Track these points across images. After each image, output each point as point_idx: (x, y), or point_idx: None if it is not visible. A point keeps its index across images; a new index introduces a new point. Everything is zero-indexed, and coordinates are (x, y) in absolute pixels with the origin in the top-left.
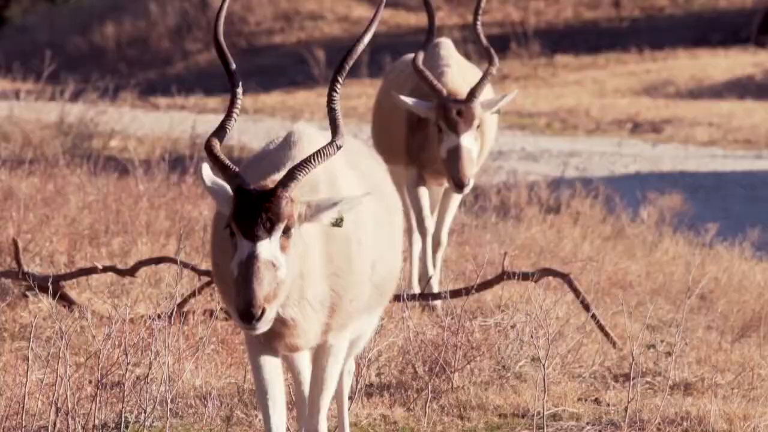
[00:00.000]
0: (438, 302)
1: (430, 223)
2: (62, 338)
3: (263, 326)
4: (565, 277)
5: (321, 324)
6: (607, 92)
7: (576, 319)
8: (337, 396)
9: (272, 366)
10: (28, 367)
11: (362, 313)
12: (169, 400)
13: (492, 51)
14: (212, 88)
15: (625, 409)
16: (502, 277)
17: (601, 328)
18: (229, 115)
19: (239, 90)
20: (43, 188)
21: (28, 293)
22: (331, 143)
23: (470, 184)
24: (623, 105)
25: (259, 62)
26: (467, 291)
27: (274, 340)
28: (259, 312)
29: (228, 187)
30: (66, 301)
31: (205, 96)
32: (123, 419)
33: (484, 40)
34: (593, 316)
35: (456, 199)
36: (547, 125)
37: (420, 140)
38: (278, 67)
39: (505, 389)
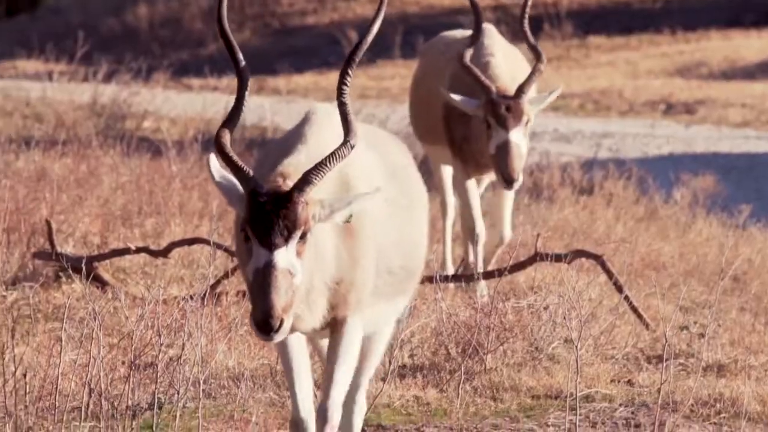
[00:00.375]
0: (482, 286)
1: (482, 227)
2: (95, 319)
3: (281, 337)
4: (598, 258)
5: (330, 306)
6: (640, 73)
7: (609, 301)
8: (346, 426)
9: (296, 343)
10: (61, 348)
11: (377, 299)
12: (201, 381)
13: (539, 48)
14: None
15: (658, 391)
16: (535, 258)
17: (634, 309)
18: (237, 108)
19: (247, 80)
20: (76, 169)
21: (61, 274)
22: (345, 143)
23: (520, 180)
24: (656, 86)
25: (292, 43)
26: (500, 272)
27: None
28: (278, 323)
29: (239, 185)
30: (99, 282)
31: None
32: (156, 400)
33: (531, 38)
34: (626, 298)
35: (511, 192)
36: (580, 106)
37: (462, 131)
38: (311, 48)
39: (538, 371)
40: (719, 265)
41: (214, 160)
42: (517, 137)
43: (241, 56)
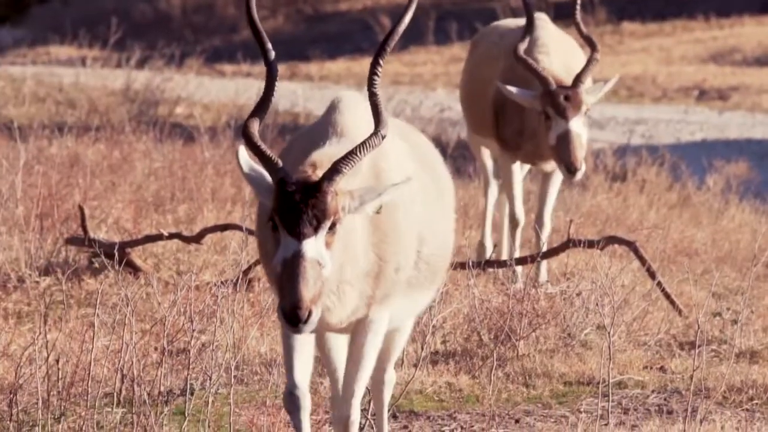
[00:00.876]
0: (543, 272)
1: (521, 213)
2: (128, 305)
3: (309, 328)
4: (630, 244)
5: (363, 297)
6: (674, 59)
7: (641, 287)
8: (377, 404)
9: (304, 341)
10: (94, 334)
11: (407, 289)
12: (233, 367)
13: (593, 40)
14: (278, 54)
15: (691, 377)
16: (568, 244)
17: (667, 296)
18: (266, 98)
19: (276, 69)
20: (109, 155)
21: (94, 260)
22: (375, 133)
23: (582, 168)
24: (690, 72)
25: (325, 29)
26: (533, 258)
27: None
28: (306, 314)
29: (267, 176)
30: (132, 267)
31: None
32: (188, 386)
33: (584, 29)
34: (659, 284)
35: (557, 181)
36: (613, 93)
37: (516, 124)
38: (344, 34)
39: (570, 357)
40: (752, 252)
41: (243, 152)
42: (577, 126)
43: (269, 45)
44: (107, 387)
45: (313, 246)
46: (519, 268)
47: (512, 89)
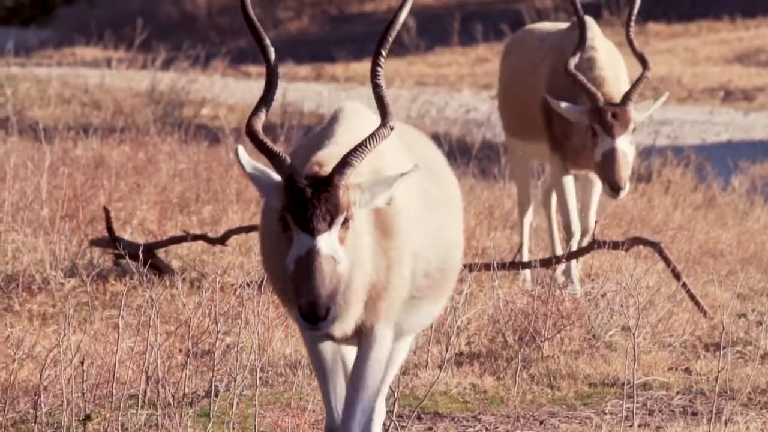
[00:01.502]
0: (575, 278)
1: (577, 224)
2: (153, 307)
3: (328, 326)
4: (655, 245)
5: (360, 310)
6: (699, 60)
7: (666, 288)
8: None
9: (330, 347)
10: (118, 336)
11: (410, 305)
12: (258, 369)
13: (645, 56)
14: (302, 56)
15: (716, 379)
16: (593, 246)
17: (692, 297)
18: (267, 94)
19: (275, 67)
20: (134, 156)
21: (119, 261)
22: (384, 125)
23: (627, 188)
24: (715, 73)
25: (350, 30)
26: (558, 260)
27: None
28: (324, 311)
29: (273, 174)
30: (157, 269)
31: (295, 64)
32: (213, 388)
33: (637, 46)
34: (684, 285)
35: (598, 188)
36: (639, 93)
37: (562, 127)
38: (369, 35)
39: (595, 358)
40: None
41: (243, 151)
42: (624, 144)
43: (268, 42)
44: (132, 389)
45: (327, 241)
46: (528, 272)
47: (561, 104)
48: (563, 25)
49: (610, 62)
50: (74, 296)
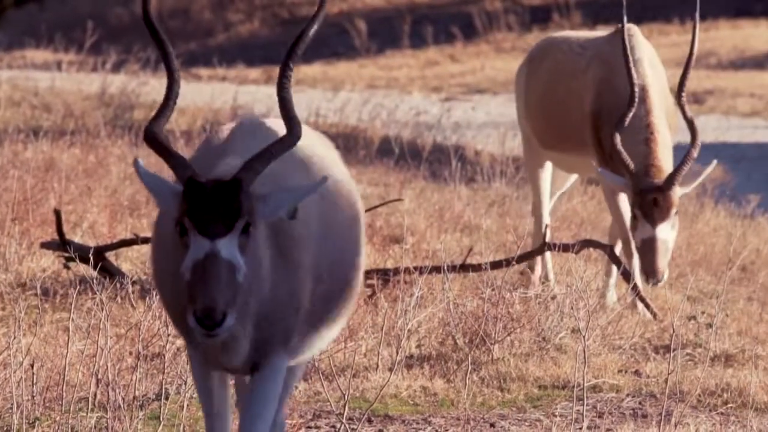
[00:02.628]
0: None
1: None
2: (103, 309)
3: (224, 332)
4: (606, 248)
5: (254, 336)
6: None
7: (617, 291)
8: None
9: (220, 386)
10: (68, 339)
11: (307, 330)
12: None
13: (696, 129)
14: (254, 59)
15: (665, 381)
16: (543, 248)
17: (642, 299)
18: (168, 101)
19: (177, 73)
20: (84, 159)
21: (69, 264)
22: (290, 134)
23: (664, 278)
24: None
25: None
26: (508, 262)
27: (210, 358)
28: (221, 316)
29: (170, 184)
30: (107, 272)
31: (246, 67)
32: (163, 390)
33: (689, 112)
34: (634, 288)
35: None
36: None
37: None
38: (319, 38)
39: (545, 361)
40: (727, 255)
41: (141, 163)
42: (664, 233)
43: (171, 49)
44: (82, 391)
45: (226, 246)
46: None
47: (606, 174)
48: (593, 33)
49: (657, 78)
50: (24, 299)
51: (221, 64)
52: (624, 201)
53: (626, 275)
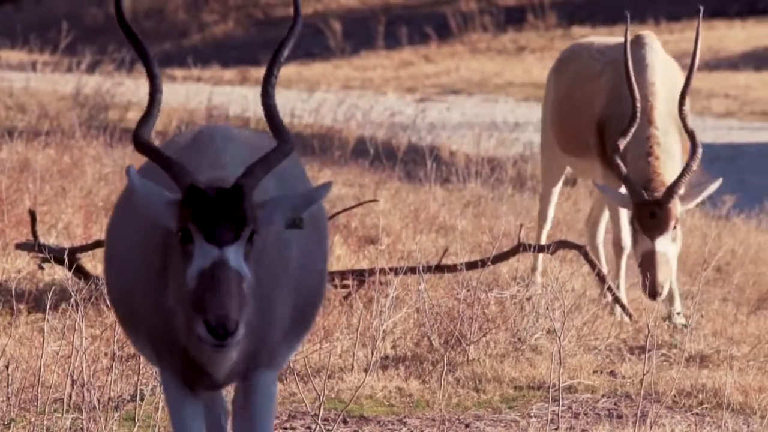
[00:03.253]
0: (678, 305)
1: (628, 241)
2: (78, 310)
3: (236, 343)
4: (581, 249)
5: (246, 354)
6: None
7: (592, 292)
8: None
9: (195, 411)
10: (44, 340)
11: (283, 343)
12: None
13: (697, 140)
14: (228, 59)
15: (641, 382)
16: (518, 249)
17: (617, 300)
18: (153, 103)
19: (158, 75)
20: (59, 160)
21: (43, 265)
22: (285, 142)
23: (665, 293)
24: None
25: (276, 34)
26: (483, 263)
27: (193, 375)
28: (235, 325)
29: (164, 192)
30: (82, 273)
31: (221, 68)
32: (138, 391)
33: (690, 125)
34: (609, 289)
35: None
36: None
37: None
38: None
39: (520, 362)
40: (702, 256)
41: (134, 170)
42: (663, 246)
43: (151, 54)
44: (57, 393)
45: (234, 254)
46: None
47: (605, 189)
48: (616, 39)
49: (666, 89)
50: None
51: (196, 64)
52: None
53: (602, 278)
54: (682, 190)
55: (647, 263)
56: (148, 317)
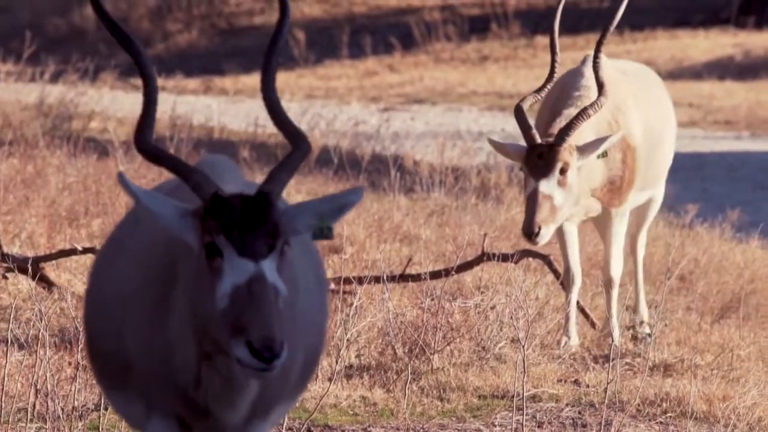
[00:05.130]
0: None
1: (577, 270)
2: (42, 320)
3: (280, 366)
4: (545, 258)
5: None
6: None
7: (556, 301)
8: None
9: None
10: (7, 349)
11: (289, 393)
12: None
13: (604, 87)
14: (192, 69)
15: (605, 391)
16: (482, 258)
17: (581, 309)
18: (150, 105)
19: (153, 76)
20: (22, 170)
21: (7, 275)
22: (303, 143)
23: (542, 235)
24: None
25: (240, 43)
26: (447, 272)
27: (196, 418)
28: (281, 347)
29: (174, 203)
30: (46, 282)
31: (185, 77)
32: (102, 401)
33: (601, 76)
34: (570, 300)
35: (615, 227)
36: (529, 106)
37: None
38: (258, 48)
39: (484, 371)
40: (666, 265)
41: (127, 178)
42: (548, 188)
43: (148, 61)
44: (21, 402)
45: (270, 267)
46: (616, 325)
47: (503, 143)
48: (614, 62)
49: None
50: None
51: (160, 74)
52: (570, 227)
53: (566, 287)
54: (575, 138)
55: (529, 203)
56: (142, 361)
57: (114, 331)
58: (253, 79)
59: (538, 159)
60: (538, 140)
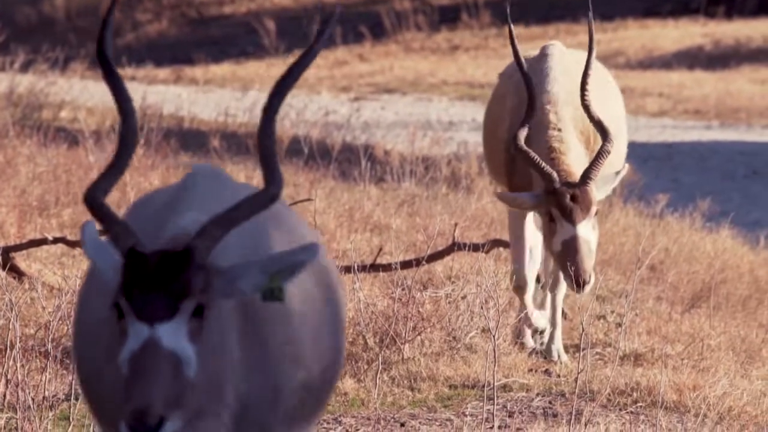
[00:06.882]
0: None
1: (530, 275)
2: (12, 310)
3: None
4: None
5: None
6: None
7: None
8: None
9: None
10: None
11: (287, 424)
12: None
13: (605, 126)
14: (162, 58)
15: (575, 380)
16: (453, 248)
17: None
18: (123, 152)
19: (133, 113)
20: None
21: None
22: (267, 189)
23: (592, 281)
24: None
25: (209, 33)
26: (418, 262)
27: None
28: (155, 420)
29: (114, 258)
30: (16, 272)
31: (155, 67)
32: (73, 391)
33: (596, 114)
34: (543, 287)
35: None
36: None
37: (528, 178)
38: (228, 38)
39: (455, 360)
40: (636, 255)
41: (91, 227)
42: (586, 231)
43: (129, 94)
44: None
45: (169, 332)
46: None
47: (514, 195)
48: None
49: (573, 96)
50: None
51: (130, 63)
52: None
53: (536, 278)
54: (597, 175)
55: (570, 251)
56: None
57: (94, 362)
58: (223, 69)
59: (572, 201)
60: (558, 183)
